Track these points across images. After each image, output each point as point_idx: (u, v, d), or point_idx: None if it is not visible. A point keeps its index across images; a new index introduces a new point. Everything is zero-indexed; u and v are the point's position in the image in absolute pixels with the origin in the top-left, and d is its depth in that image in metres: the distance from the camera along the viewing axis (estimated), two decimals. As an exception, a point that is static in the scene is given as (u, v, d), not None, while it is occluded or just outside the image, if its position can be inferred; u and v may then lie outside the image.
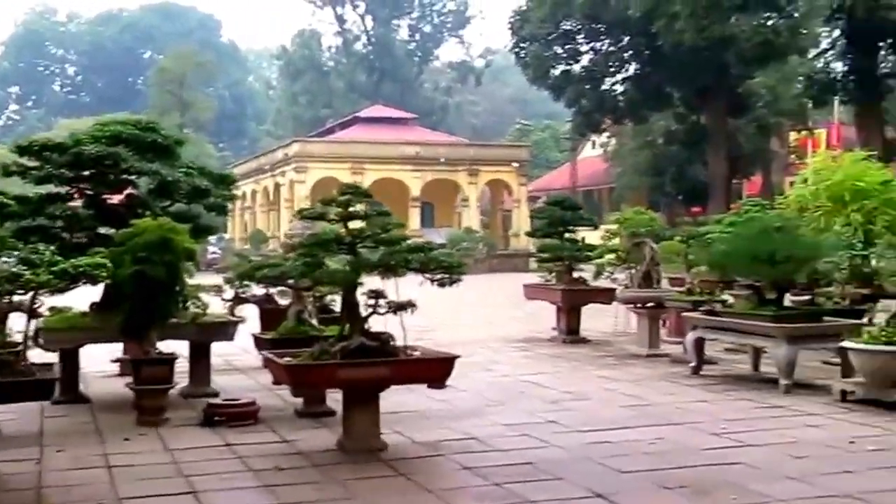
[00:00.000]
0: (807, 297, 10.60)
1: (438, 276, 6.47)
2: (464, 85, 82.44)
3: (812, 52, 41.81)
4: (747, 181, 46.42)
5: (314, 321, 8.03)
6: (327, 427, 6.97)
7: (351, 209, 6.52)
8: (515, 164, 50.29)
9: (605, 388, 8.99)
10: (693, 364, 9.78)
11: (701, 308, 9.96)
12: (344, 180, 47.44)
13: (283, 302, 9.28)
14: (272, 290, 9.81)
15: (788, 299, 9.67)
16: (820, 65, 36.05)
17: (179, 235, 7.23)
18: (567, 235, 13.51)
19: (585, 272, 13.87)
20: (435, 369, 6.25)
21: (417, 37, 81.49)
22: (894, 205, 11.89)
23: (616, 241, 13.60)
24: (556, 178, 58.76)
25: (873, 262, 11.17)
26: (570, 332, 13.06)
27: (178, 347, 7.97)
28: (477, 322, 16.69)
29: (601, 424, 7.15)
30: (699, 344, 9.77)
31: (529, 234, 14.83)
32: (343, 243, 6.44)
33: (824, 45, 37.53)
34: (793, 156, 47.49)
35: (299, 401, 7.44)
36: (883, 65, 32.43)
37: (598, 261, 12.58)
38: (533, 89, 50.48)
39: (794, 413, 7.61)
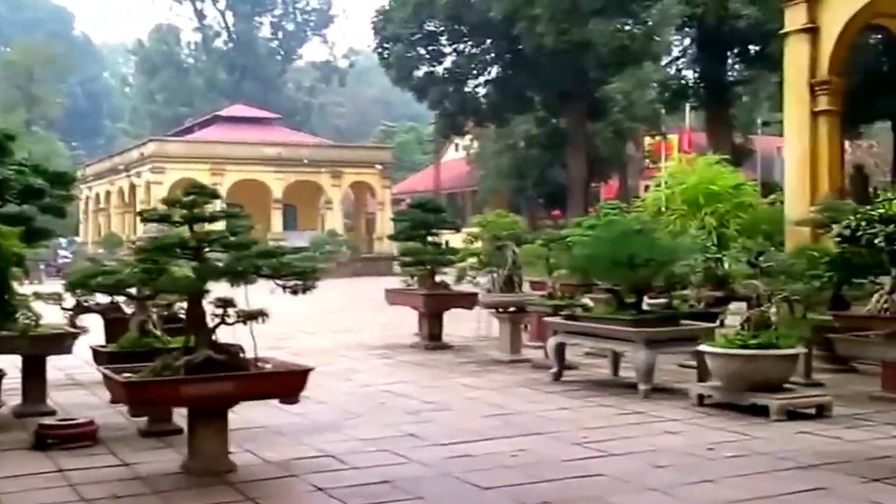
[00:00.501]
0: (663, 301, 10.72)
1: (291, 283, 6.09)
2: (328, 85, 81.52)
3: (665, 60, 43.18)
4: (605, 185, 47.59)
5: (159, 332, 7.48)
6: (173, 447, 6.48)
7: (197, 210, 6.05)
8: (379, 166, 49.98)
9: (467, 397, 8.79)
10: (554, 370, 9.70)
11: (562, 312, 9.91)
12: (204, 182, 46.06)
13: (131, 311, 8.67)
14: (118, 299, 9.18)
15: (646, 302, 9.73)
16: (672, 72, 37.17)
17: (7, 240, 6.59)
18: (430, 239, 13.31)
19: (448, 276, 13.70)
20: (287, 383, 5.85)
21: (280, 35, 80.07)
22: (746, 208, 12.25)
23: (478, 244, 13.48)
24: (420, 180, 58.81)
25: (726, 265, 11.42)
26: (433, 338, 12.85)
27: (9, 362, 7.32)
28: (338, 328, 16.29)
29: (462, 436, 6.92)
30: (560, 349, 9.70)
31: (392, 238, 14.56)
32: (188, 248, 5.96)
33: (677, 52, 38.78)
34: (647, 160, 49.07)
35: (144, 419, 6.92)
36: (731, 73, 33.69)
37: (461, 265, 12.41)
38: (397, 91, 50.33)
39: (654, 419, 7.58)
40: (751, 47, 30.74)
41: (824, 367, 9.69)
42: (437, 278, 13.22)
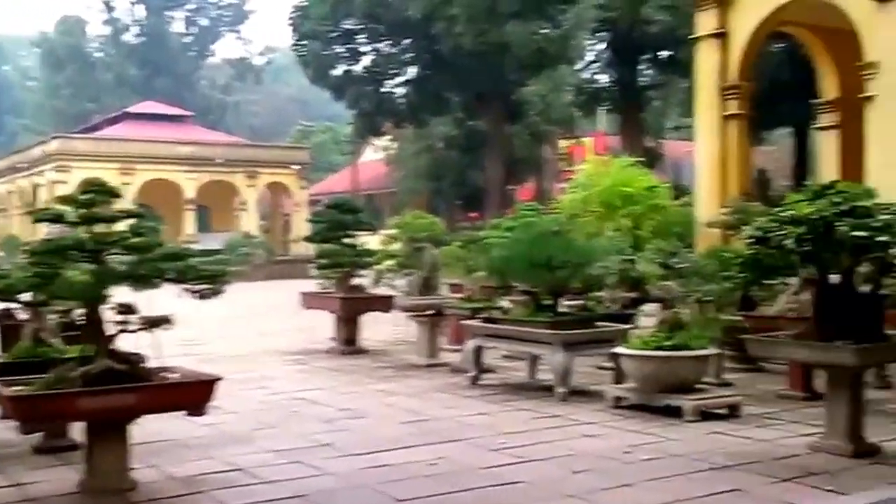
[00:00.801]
0: (579, 302, 10.74)
1: (199, 288, 5.83)
2: (243, 83, 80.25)
3: (580, 63, 43.70)
4: (521, 187, 47.93)
5: (56, 341, 7.11)
6: (69, 464, 6.14)
7: (96, 210, 5.70)
8: (296, 167, 49.40)
9: (384, 403, 8.64)
10: (472, 374, 9.62)
11: (479, 315, 9.83)
12: (112, 181, 44.78)
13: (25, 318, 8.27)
14: (12, 305, 8.75)
15: (563, 304, 9.72)
16: (588, 76, 37.62)
17: None
18: (347, 241, 13.11)
19: (366, 279, 13.51)
20: (193, 394, 5.55)
21: (194, 30, 78.33)
22: (659, 210, 12.37)
23: (396, 246, 13.33)
24: (338, 181, 58.33)
25: (641, 267, 11.50)
26: (349, 342, 12.66)
27: None
28: (252, 333, 15.94)
29: (379, 445, 6.77)
30: (478, 353, 9.62)
31: (308, 240, 14.29)
32: (85, 250, 5.61)
33: (592, 56, 39.26)
34: (562, 163, 49.63)
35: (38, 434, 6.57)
36: (643, 77, 34.23)
37: (378, 267, 12.23)
38: (314, 90, 49.78)
39: (572, 422, 7.55)
40: (662, 53, 31.25)
41: (734, 367, 9.90)
42: (354, 281, 13.03)
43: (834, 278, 6.20)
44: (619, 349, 8.06)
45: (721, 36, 12.53)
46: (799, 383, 8.48)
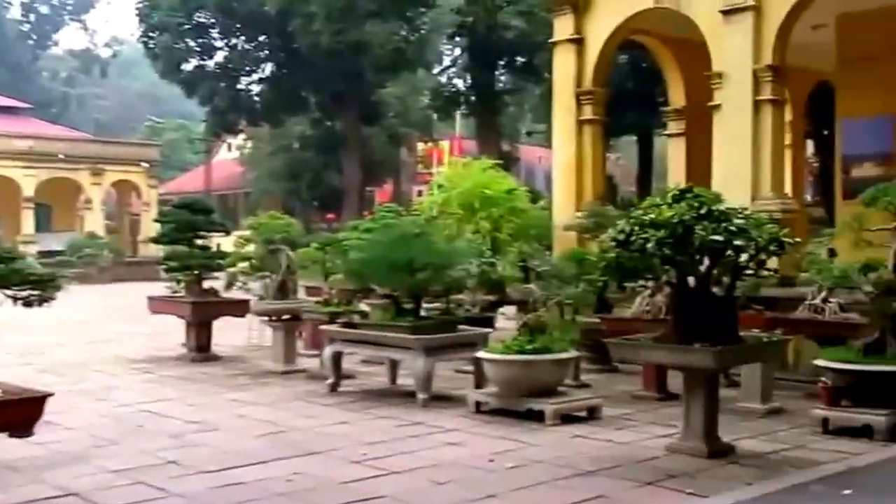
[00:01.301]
0: (440, 305, 10.59)
1: (25, 294, 5.33)
2: (88, 76, 76.85)
3: (438, 67, 43.89)
4: (379, 189, 47.77)
5: None
6: None
7: None
8: (145, 165, 47.50)
9: (238, 414, 8.24)
10: (331, 381, 9.33)
11: (339, 320, 9.56)
12: (-59, 177, 42.06)
13: None
14: None
15: (423, 308, 9.55)
16: (445, 79, 37.81)
17: None
18: (198, 242, 12.57)
19: (219, 282, 12.98)
20: (17, 414, 4.98)
21: (32, 18, 74.31)
22: (518, 213, 12.39)
23: (250, 248, 12.84)
24: (190, 180, 56.66)
25: (500, 269, 11.49)
26: (200, 349, 12.12)
27: None
28: (96, 339, 15.10)
29: (232, 461, 6.39)
30: (337, 358, 9.34)
31: (155, 241, 13.63)
32: None
33: (449, 60, 39.50)
34: (420, 166, 49.77)
35: None
36: (499, 82, 34.65)
37: (231, 270, 11.73)
38: (167, 86, 48.07)
39: (434, 430, 7.38)
40: (518, 58, 31.66)
41: (591, 368, 10.05)
42: (206, 284, 12.50)
43: (691, 281, 6.26)
44: (481, 353, 7.96)
45: (577, 42, 12.67)
46: (653, 384, 8.61)
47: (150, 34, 34.97)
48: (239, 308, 12.03)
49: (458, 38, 35.34)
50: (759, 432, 7.04)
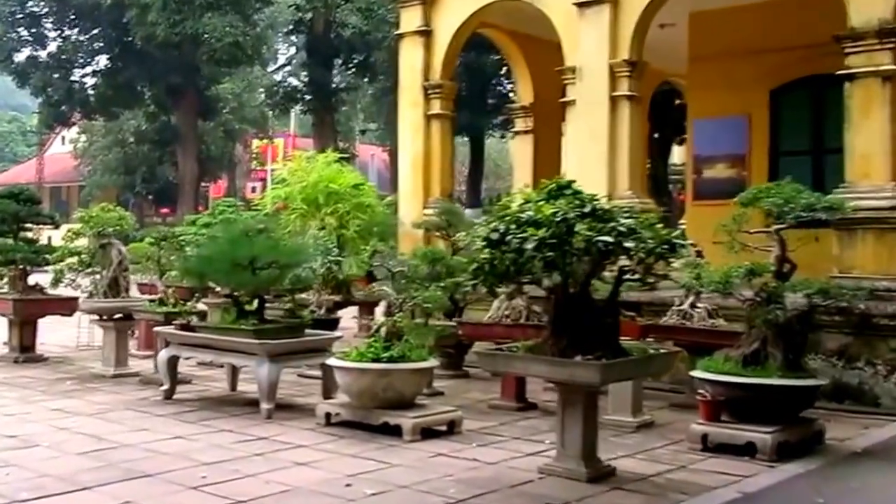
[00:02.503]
0: (284, 306, 9.34)
1: None
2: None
3: (276, 62, 41.99)
4: (213, 184, 45.33)
5: None
6: None
7: None
8: (-28, 154, 43.22)
9: (60, 427, 6.75)
10: (165, 387, 7.95)
11: (174, 322, 8.15)
12: None
13: None
14: None
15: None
16: (282, 76, 36.09)
17: None
18: (24, 234, 10.78)
19: (49, 277, 11.18)
20: None
21: None
22: (365, 209, 11.29)
23: (81, 241, 11.10)
24: (22, 172, 52.08)
25: (346, 268, 10.38)
26: (24, 349, 10.41)
27: None
28: None
29: (49, 487, 5.04)
30: (172, 363, 7.97)
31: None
32: None
33: (288, 56, 37.76)
34: (255, 162, 47.64)
35: None
36: (336, 80, 33.26)
37: (58, 265, 9.97)
38: (-1, 80, 43.84)
39: (281, 446, 6.20)
40: (355, 56, 30.40)
41: (442, 374, 8.89)
42: (32, 280, 10.72)
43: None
44: (333, 361, 6.83)
45: (426, 34, 11.67)
46: (512, 393, 7.72)
47: (-20, 23, 31.42)
48: (66, 306, 10.36)
49: (295, 36, 33.78)
50: (635, 450, 6.16)
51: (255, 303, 7.68)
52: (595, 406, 5.35)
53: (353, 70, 32.00)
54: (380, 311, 10.55)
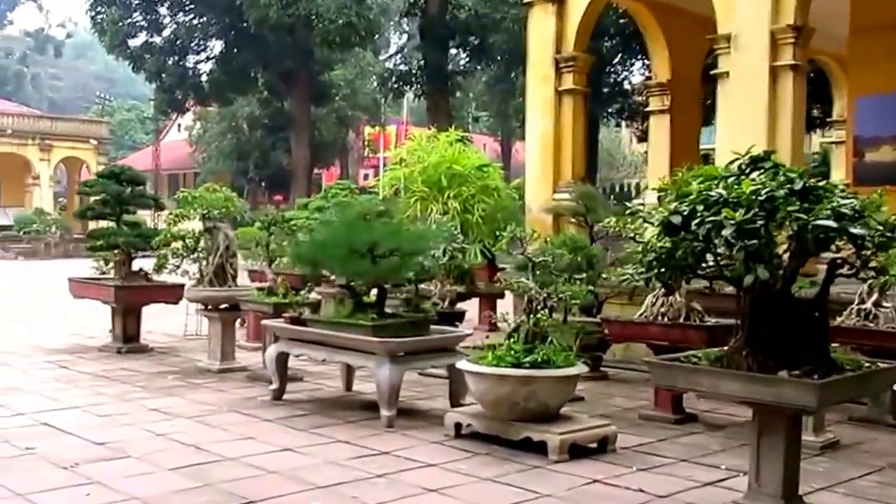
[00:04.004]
0: (405, 297, 8.48)
1: None
2: (42, 55, 72.71)
3: (389, 45, 41.50)
4: (326, 171, 45.33)
5: None
6: None
7: None
8: (94, 141, 44.43)
9: (156, 433, 6.04)
10: (274, 386, 7.20)
11: (284, 314, 7.39)
12: None
13: None
14: None
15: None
16: (398, 59, 35.50)
17: None
18: (127, 217, 10.29)
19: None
20: None
21: (-12, -3, 70.11)
22: (490, 192, 10.34)
23: (186, 225, 10.54)
24: (140, 159, 53.35)
25: (470, 257, 9.46)
26: (127, 339, 9.90)
27: None
28: (16, 322, 12.76)
29: (133, 514, 4.29)
30: (282, 360, 7.21)
31: (79, 215, 11.28)
32: None
33: (399, 44, 37.18)
34: (367, 149, 47.42)
35: None
36: (452, 64, 32.39)
37: (163, 250, 9.36)
38: (121, 68, 44.98)
39: (406, 464, 5.31)
40: (471, 39, 29.41)
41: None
42: (137, 266, 10.22)
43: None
44: (465, 364, 5.89)
45: (558, 1, 10.61)
46: (667, 402, 6.63)
47: (98, 8, 31.88)
48: (171, 293, 9.81)
49: (409, 18, 33.04)
50: (830, 480, 5.03)
51: (375, 295, 6.84)
52: (799, 434, 4.25)
53: (469, 54, 31.05)
54: (508, 304, 9.62)
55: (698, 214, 4.10)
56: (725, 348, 4.43)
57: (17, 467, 5.13)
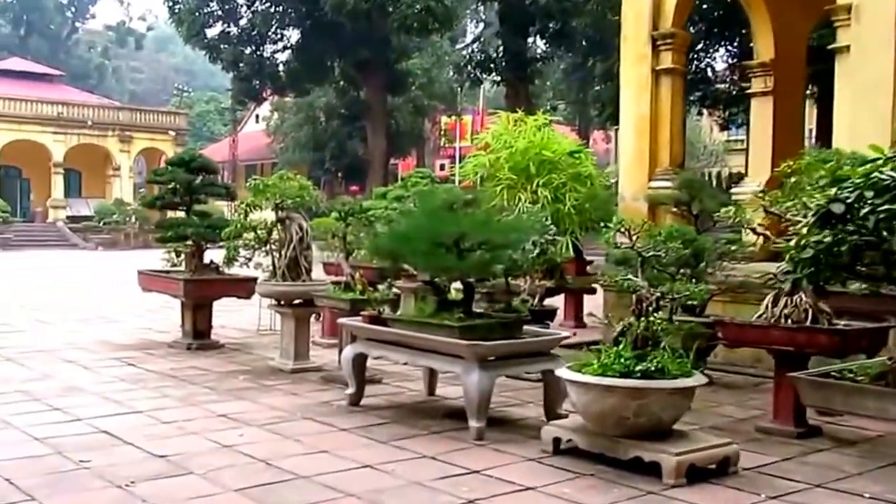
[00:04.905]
0: (485, 290, 7.83)
1: None
2: (124, 48, 74.20)
3: (467, 35, 40.81)
4: (402, 161, 44.96)
5: None
6: None
7: None
8: (172, 133, 44.95)
9: (223, 444, 5.52)
10: (351, 390, 6.65)
11: (363, 312, 6.82)
12: (-30, 140, 39.60)
13: None
14: None
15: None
16: (474, 48, 34.81)
17: None
18: (198, 207, 9.88)
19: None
20: None
21: (70, -11, 71.46)
22: (583, 180, 9.63)
23: (258, 215, 10.07)
24: (218, 150, 53.95)
25: (561, 249, 8.76)
26: (198, 335, 9.50)
27: None
28: (87, 315, 12.56)
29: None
30: (359, 362, 6.65)
31: (148, 205, 10.95)
32: None
33: (475, 33, 36.48)
34: (443, 139, 46.86)
35: None
36: (532, 49, 31.58)
37: (233, 242, 8.86)
38: (200, 61, 45.36)
39: (500, 487, 4.67)
40: (551, 24, 28.55)
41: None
42: (208, 258, 9.81)
43: None
44: (566, 373, 5.22)
45: (655, -28, 9.84)
46: (788, 413, 5.82)
47: (175, -1, 32.04)
48: (243, 287, 9.38)
49: (487, 3, 32.31)
50: None
51: (462, 292, 6.22)
52: None
53: (548, 39, 30.21)
54: (594, 300, 8.91)
55: (867, 202, 3.36)
56: (887, 360, 3.68)
57: (66, 485, 4.65)
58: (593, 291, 10.40)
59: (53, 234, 39.18)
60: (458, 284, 6.59)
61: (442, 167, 42.64)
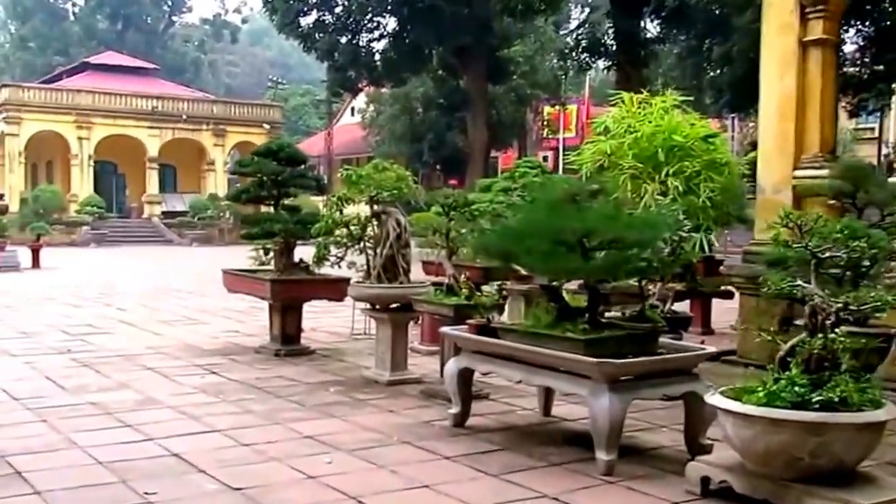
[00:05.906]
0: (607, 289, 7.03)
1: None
2: (219, 42, 75.82)
3: (571, 22, 39.76)
4: (502, 154, 44.21)
5: None
6: None
7: None
8: (267, 126, 45.35)
9: (308, 476, 4.89)
10: (455, 410, 5.98)
11: (469, 321, 6.14)
12: (66, 135, 40.70)
13: None
14: None
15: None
16: (580, 33, 33.79)
17: None
18: (287, 201, 9.38)
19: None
20: None
21: (167, -17, 73.56)
22: (719, 169, 8.72)
23: (352, 210, 9.50)
24: (313, 143, 54.35)
25: (696, 248, 7.90)
26: (286, 339, 8.99)
27: None
28: (173, 317, 12.29)
29: None
30: (465, 378, 5.98)
31: (233, 199, 10.55)
32: None
33: (585, 13, 35.40)
34: (546, 130, 45.87)
35: None
36: (646, 31, 30.38)
37: (324, 239, 8.27)
38: (295, 54, 45.64)
39: (643, 544, 3.93)
40: (667, 3, 27.33)
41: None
42: (298, 256, 9.31)
43: None
44: (719, 400, 4.42)
45: (806, -74, 8.81)
46: None
47: (269, -13, 32.08)
48: (335, 289, 8.81)
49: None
50: None
51: (588, 299, 5.48)
52: None
53: (663, 20, 28.99)
54: (726, 304, 8.03)
55: None
56: None
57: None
58: (729, 295, 9.48)
59: (149, 230, 40.00)
60: (569, 285, 5.90)
61: (545, 159, 41.77)
